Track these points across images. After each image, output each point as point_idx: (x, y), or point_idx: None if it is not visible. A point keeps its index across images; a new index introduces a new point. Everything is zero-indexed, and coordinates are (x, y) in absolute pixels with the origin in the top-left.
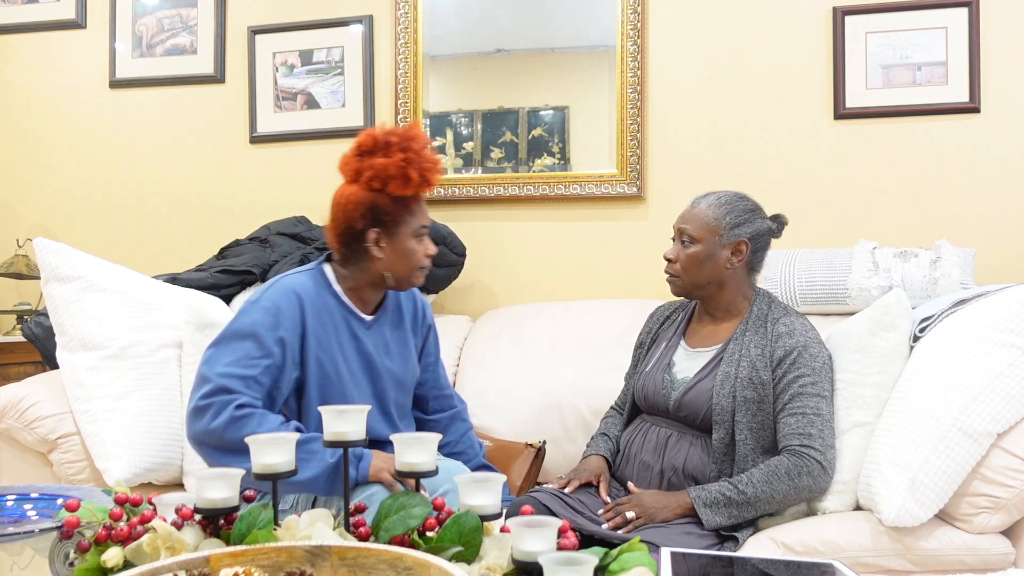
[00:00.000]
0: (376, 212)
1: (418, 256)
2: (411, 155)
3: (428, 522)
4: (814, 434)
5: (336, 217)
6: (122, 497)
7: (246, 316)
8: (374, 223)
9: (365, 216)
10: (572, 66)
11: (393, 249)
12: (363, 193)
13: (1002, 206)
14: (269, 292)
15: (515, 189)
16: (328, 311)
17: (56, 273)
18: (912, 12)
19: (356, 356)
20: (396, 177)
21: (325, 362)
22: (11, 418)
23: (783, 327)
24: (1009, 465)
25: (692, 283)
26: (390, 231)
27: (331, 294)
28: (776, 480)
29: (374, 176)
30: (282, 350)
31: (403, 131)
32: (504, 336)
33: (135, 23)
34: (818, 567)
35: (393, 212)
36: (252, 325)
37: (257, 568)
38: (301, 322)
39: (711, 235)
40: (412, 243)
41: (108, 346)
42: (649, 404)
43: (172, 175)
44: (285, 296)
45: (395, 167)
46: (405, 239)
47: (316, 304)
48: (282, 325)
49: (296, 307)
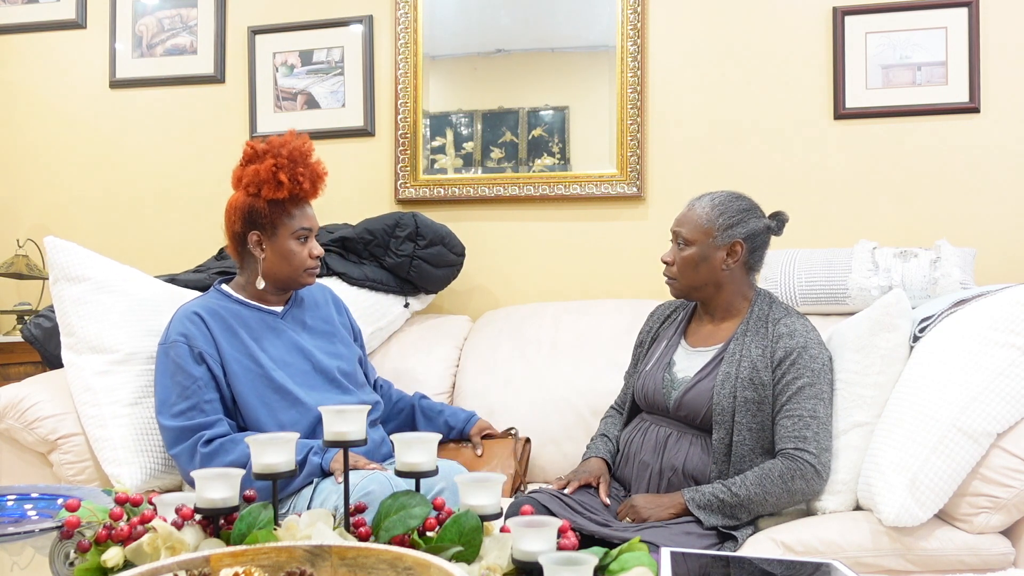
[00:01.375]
0: (253, 216)
1: (300, 257)
2: (280, 160)
3: (428, 522)
4: (809, 437)
5: (225, 222)
6: (122, 497)
7: (165, 357)
8: (253, 226)
9: (244, 220)
10: (572, 66)
11: (273, 250)
12: (242, 199)
13: (1002, 206)
14: (172, 326)
15: (515, 189)
16: (235, 315)
17: (66, 273)
18: (912, 12)
19: (279, 343)
20: (267, 182)
21: (242, 356)
22: (11, 418)
23: (784, 328)
24: (1009, 465)
25: (689, 285)
26: (268, 233)
27: (234, 302)
28: (769, 483)
29: (249, 182)
30: (206, 364)
31: (278, 140)
32: (504, 336)
33: (135, 23)
34: (818, 567)
35: (270, 215)
36: (173, 360)
37: (257, 568)
38: (208, 332)
39: (705, 237)
40: (292, 244)
41: (117, 350)
42: (649, 403)
43: (172, 175)
44: (187, 319)
45: (265, 172)
46: (284, 240)
47: (219, 313)
48: (195, 345)
49: (199, 322)
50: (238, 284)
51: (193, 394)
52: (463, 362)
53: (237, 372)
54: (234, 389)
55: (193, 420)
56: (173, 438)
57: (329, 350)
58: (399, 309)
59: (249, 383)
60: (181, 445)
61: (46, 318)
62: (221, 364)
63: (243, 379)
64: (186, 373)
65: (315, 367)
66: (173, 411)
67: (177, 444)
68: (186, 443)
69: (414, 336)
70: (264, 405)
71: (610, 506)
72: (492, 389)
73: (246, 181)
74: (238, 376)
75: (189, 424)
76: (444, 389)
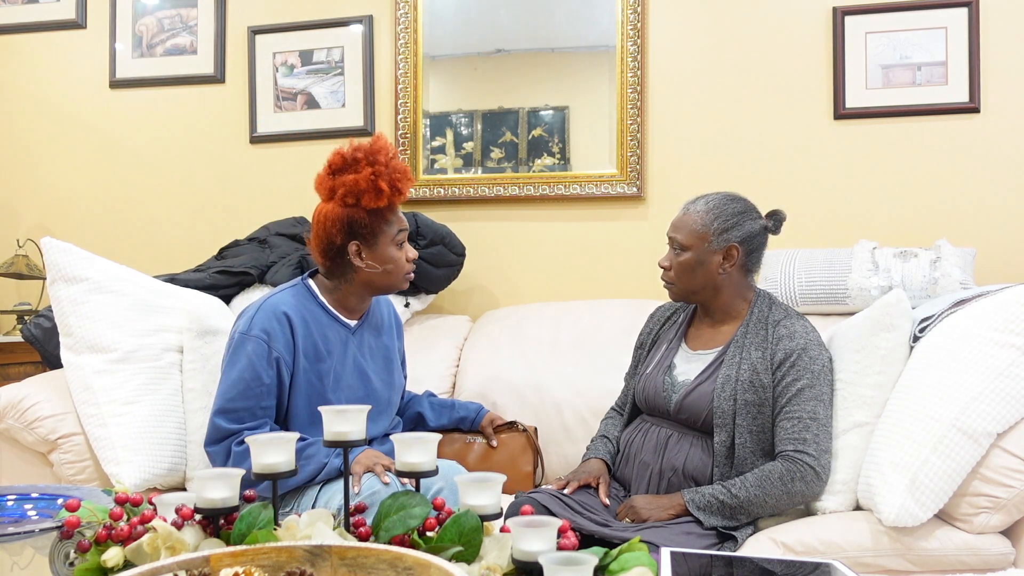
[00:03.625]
0: (353, 226)
1: (401, 263)
2: (379, 168)
3: (428, 522)
4: (809, 439)
5: (317, 234)
6: (122, 497)
7: (241, 348)
8: (353, 236)
9: (343, 231)
10: (572, 66)
11: (375, 258)
12: (339, 210)
13: (1002, 206)
14: (257, 317)
15: (515, 189)
16: (316, 320)
17: (63, 274)
18: (912, 12)
19: (345, 360)
20: (368, 191)
21: (310, 371)
22: (11, 418)
23: (784, 329)
24: (1009, 465)
25: (687, 289)
26: (369, 242)
27: (317, 305)
28: (769, 484)
29: (347, 192)
30: (278, 369)
31: (368, 146)
32: (504, 336)
33: (135, 23)
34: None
35: (370, 224)
36: (248, 354)
37: (257, 568)
38: (291, 339)
39: (700, 242)
40: (392, 251)
41: (115, 349)
42: (650, 406)
43: (172, 175)
44: (274, 319)
45: (365, 181)
46: (385, 248)
47: (303, 317)
48: (275, 347)
49: (285, 326)
50: (324, 286)
51: (254, 396)
52: (463, 362)
53: (300, 385)
54: (292, 401)
55: (241, 424)
56: (213, 436)
57: (386, 379)
58: (399, 309)
59: (306, 399)
60: (218, 445)
61: (46, 318)
62: (291, 374)
63: (303, 393)
64: (255, 373)
65: (369, 394)
66: (227, 406)
67: (215, 443)
68: (222, 444)
69: (414, 336)
70: (313, 424)
71: (610, 507)
72: (492, 389)
73: (343, 192)
74: (300, 389)
75: (234, 428)
76: (444, 389)
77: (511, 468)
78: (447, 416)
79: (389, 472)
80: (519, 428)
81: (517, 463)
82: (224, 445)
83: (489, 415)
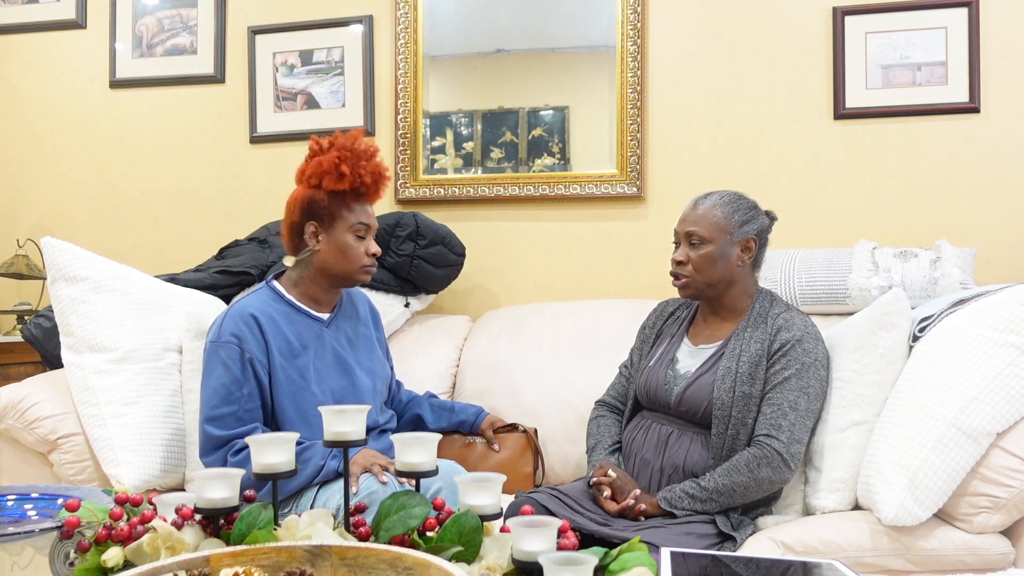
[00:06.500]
0: (312, 206)
1: (357, 253)
2: (344, 152)
3: (428, 522)
4: (783, 426)
5: (285, 216)
6: (122, 497)
7: (215, 356)
8: (311, 216)
9: (303, 210)
10: (572, 66)
11: (329, 243)
12: (303, 190)
13: (1002, 206)
14: (226, 324)
15: (515, 189)
16: (285, 317)
17: (63, 273)
18: (912, 12)
19: (324, 353)
20: (329, 172)
21: (288, 367)
22: (11, 418)
23: (782, 321)
24: (1008, 465)
25: (705, 283)
26: (326, 225)
27: (284, 303)
28: (735, 472)
29: (311, 174)
30: (254, 370)
31: (344, 136)
32: (504, 336)
33: (135, 23)
34: (818, 567)
35: (328, 206)
36: (222, 361)
37: (257, 568)
38: (262, 338)
39: (722, 234)
40: (349, 238)
41: (115, 349)
42: (651, 399)
43: (172, 175)
44: (242, 322)
45: (328, 163)
46: (342, 234)
47: (271, 316)
48: (247, 349)
49: (254, 327)
50: (289, 281)
51: (236, 400)
52: (463, 362)
53: (282, 383)
54: (276, 400)
55: (228, 430)
56: (206, 446)
57: (368, 367)
58: (399, 309)
59: (290, 396)
60: (213, 455)
61: (46, 318)
62: (268, 373)
63: (286, 391)
64: (233, 377)
65: (354, 383)
66: (212, 414)
67: (209, 453)
68: (217, 453)
69: (414, 336)
70: (303, 420)
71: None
72: (492, 389)
73: (308, 173)
74: (282, 387)
75: (223, 435)
76: (444, 389)
77: (511, 469)
78: (447, 419)
79: (386, 472)
80: (519, 430)
81: (517, 464)
82: (219, 455)
83: (489, 418)
